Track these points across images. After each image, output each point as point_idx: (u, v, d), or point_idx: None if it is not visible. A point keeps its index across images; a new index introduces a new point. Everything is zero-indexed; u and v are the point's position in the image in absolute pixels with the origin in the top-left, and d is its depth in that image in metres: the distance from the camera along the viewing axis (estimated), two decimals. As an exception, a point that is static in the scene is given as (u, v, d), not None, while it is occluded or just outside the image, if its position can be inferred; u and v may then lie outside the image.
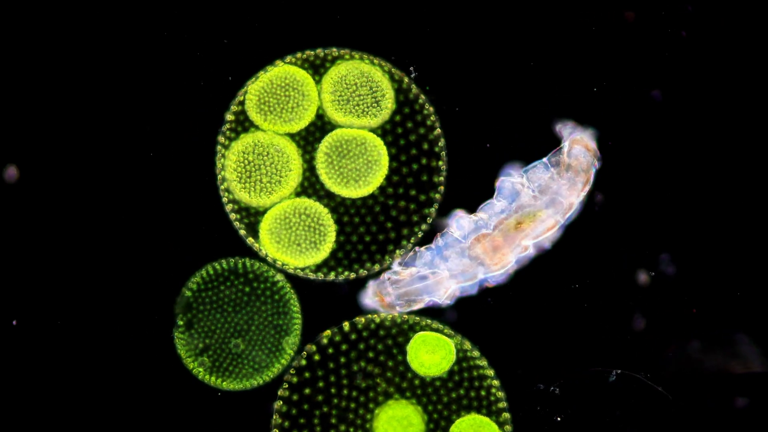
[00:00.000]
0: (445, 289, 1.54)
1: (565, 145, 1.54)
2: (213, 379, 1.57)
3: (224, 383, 1.57)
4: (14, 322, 1.55)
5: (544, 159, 1.55)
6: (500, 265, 1.53)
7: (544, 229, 1.52)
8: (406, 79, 1.58)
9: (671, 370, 1.57)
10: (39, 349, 1.56)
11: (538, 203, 1.52)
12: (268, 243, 1.56)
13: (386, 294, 1.55)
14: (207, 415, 1.58)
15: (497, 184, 1.55)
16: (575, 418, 1.58)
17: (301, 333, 1.58)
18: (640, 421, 1.58)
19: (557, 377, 1.56)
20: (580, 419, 1.58)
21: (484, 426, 1.55)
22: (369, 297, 1.56)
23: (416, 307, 1.56)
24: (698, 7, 1.59)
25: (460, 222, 1.55)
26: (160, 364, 1.56)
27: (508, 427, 1.55)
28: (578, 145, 1.53)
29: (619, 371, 1.56)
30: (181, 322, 1.57)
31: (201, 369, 1.57)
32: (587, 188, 1.54)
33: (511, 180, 1.54)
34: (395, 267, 1.56)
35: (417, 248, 1.56)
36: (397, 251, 1.56)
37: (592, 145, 1.54)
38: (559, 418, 1.57)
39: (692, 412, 1.58)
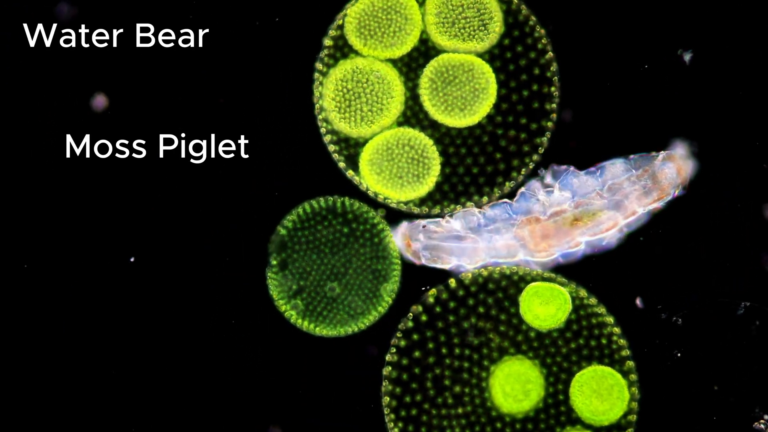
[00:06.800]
0: (477, 260, 1.48)
1: (661, 155, 1.48)
2: (305, 323, 1.47)
3: (317, 328, 1.46)
4: (132, 259, 1.50)
5: (630, 157, 1.49)
6: (545, 253, 1.47)
7: (601, 229, 1.47)
8: (515, 0, 1.50)
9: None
10: (130, 291, 1.50)
11: (601, 203, 1.46)
12: (369, 175, 1.48)
13: (415, 240, 1.48)
14: (298, 359, 1.50)
15: (560, 170, 1.49)
16: (697, 353, 1.47)
17: (400, 280, 1.49)
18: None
19: (681, 307, 1.47)
20: (703, 354, 1.47)
21: (608, 376, 1.46)
22: (398, 237, 1.49)
23: (440, 265, 1.48)
24: None
25: (520, 198, 1.49)
26: (252, 305, 1.50)
27: (633, 376, 1.46)
28: (674, 163, 1.48)
29: (748, 303, 1.46)
30: (275, 262, 1.49)
31: (293, 312, 1.48)
32: (656, 205, 1.48)
33: (580, 177, 1.49)
34: (442, 220, 1.49)
35: (470, 207, 1.49)
36: (496, 189, 1.47)
37: (688, 171, 1.49)
38: (678, 354, 1.47)
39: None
